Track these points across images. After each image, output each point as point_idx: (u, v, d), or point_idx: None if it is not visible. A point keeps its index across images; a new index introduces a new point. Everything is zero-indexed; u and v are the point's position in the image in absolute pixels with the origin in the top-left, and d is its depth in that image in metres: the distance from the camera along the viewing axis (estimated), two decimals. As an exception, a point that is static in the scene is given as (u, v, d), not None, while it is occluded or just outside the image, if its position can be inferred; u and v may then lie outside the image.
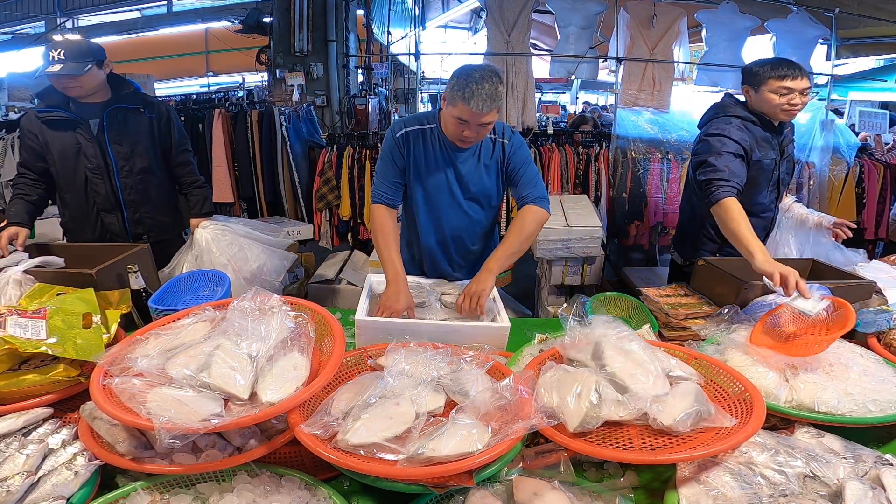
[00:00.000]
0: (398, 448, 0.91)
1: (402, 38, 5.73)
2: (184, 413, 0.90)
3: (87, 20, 8.50)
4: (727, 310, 1.52)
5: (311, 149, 4.08)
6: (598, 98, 11.87)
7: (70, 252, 1.74)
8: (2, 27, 8.67)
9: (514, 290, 3.24)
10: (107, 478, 0.99)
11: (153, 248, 1.90)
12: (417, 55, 4.43)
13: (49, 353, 1.14)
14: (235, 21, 5.95)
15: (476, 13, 7.66)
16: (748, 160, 1.87)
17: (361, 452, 0.91)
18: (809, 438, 1.07)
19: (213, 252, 2.03)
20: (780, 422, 1.15)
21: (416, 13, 5.91)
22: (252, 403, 0.98)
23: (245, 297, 1.17)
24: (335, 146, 3.89)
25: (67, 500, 0.90)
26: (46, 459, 0.97)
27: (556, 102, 8.83)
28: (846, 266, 1.86)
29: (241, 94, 4.80)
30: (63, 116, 2.01)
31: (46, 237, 2.81)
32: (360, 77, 5.15)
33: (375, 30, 5.25)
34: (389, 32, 5.38)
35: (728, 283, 1.63)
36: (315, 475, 0.98)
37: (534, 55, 4.31)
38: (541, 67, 5.43)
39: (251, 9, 4.85)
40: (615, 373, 1.07)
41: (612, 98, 4.36)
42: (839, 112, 5.56)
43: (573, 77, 4.44)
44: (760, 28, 4.14)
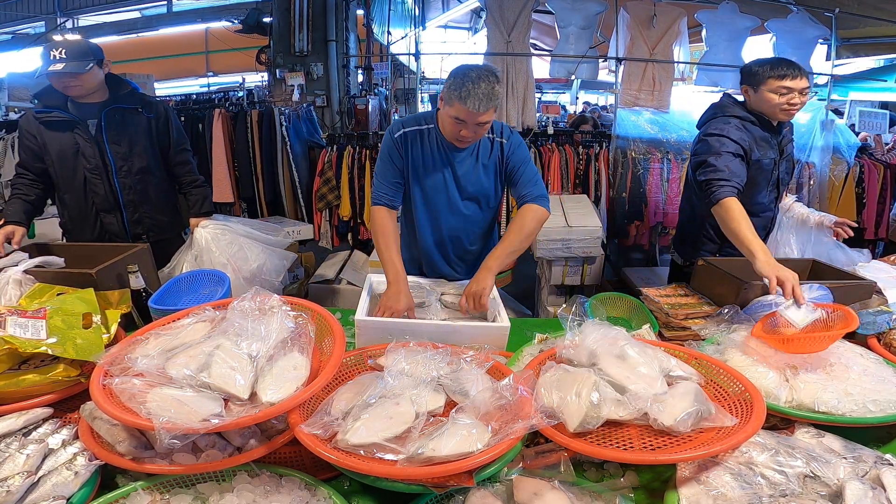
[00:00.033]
0: (398, 448, 0.91)
1: (402, 38, 5.72)
2: (184, 413, 0.91)
3: (87, 20, 8.51)
4: (727, 310, 1.52)
5: (311, 149, 4.08)
6: (598, 98, 11.86)
7: (70, 252, 1.74)
8: (2, 27, 8.69)
9: (514, 290, 3.24)
10: (107, 478, 0.99)
11: (153, 248, 1.90)
12: (417, 55, 4.43)
13: (49, 353, 1.14)
14: (235, 21, 5.96)
15: (476, 13, 7.66)
16: (747, 160, 1.87)
17: (361, 452, 0.91)
18: (809, 438, 1.07)
19: (213, 251, 2.03)
20: (781, 422, 1.15)
21: (416, 13, 5.91)
22: (252, 403, 0.98)
23: (245, 297, 1.17)
24: (335, 146, 3.89)
25: (67, 500, 0.90)
26: (46, 459, 0.97)
27: (556, 102, 8.81)
28: (849, 265, 1.86)
29: (241, 94, 4.78)
30: (61, 117, 2.01)
31: (46, 237, 2.82)
32: (360, 77, 5.15)
33: (375, 30, 5.25)
34: (389, 32, 5.38)
35: (728, 283, 1.63)
36: (315, 475, 0.98)
37: (534, 55, 4.31)
38: (541, 67, 5.42)
39: (251, 9, 4.86)
40: (612, 378, 1.08)
41: (612, 98, 4.36)
42: (839, 112, 5.56)
43: (573, 77, 4.44)
44: (760, 28, 4.14)
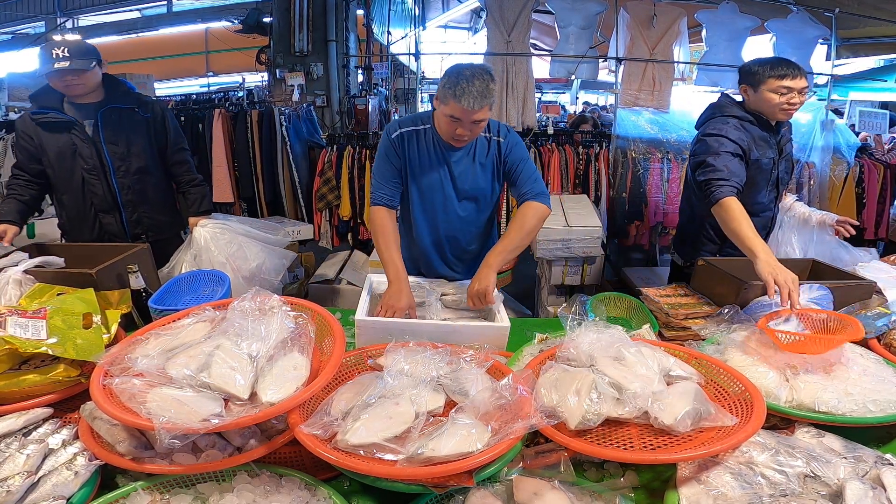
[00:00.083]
0: (398, 448, 0.91)
1: (402, 38, 5.72)
2: (184, 413, 0.91)
3: (87, 20, 8.51)
4: (727, 310, 1.52)
5: (311, 149, 4.08)
6: (598, 98, 11.85)
7: (70, 252, 1.74)
8: (2, 27, 8.69)
9: (514, 290, 3.24)
10: (107, 478, 0.99)
11: (152, 248, 1.90)
12: (417, 55, 4.44)
13: (49, 354, 1.14)
14: (235, 21, 5.96)
15: (476, 13, 7.66)
16: (746, 160, 1.87)
17: (361, 452, 0.91)
18: (810, 438, 1.07)
19: (212, 251, 2.03)
20: (781, 421, 1.15)
21: (416, 13, 5.91)
22: (252, 403, 0.98)
23: (245, 298, 1.17)
24: (335, 146, 3.89)
25: (67, 500, 0.90)
26: (46, 459, 0.97)
27: (556, 102, 8.80)
28: (853, 264, 1.86)
29: (241, 94, 4.78)
30: (58, 118, 2.01)
31: (46, 237, 2.81)
32: (360, 77, 5.15)
33: (375, 30, 5.25)
34: (389, 32, 5.37)
35: (728, 283, 1.63)
36: (315, 475, 0.98)
37: (534, 55, 4.31)
38: (541, 67, 5.43)
39: (251, 9, 4.85)
40: (610, 378, 1.08)
41: (612, 98, 4.36)
42: (839, 112, 5.55)
43: (573, 77, 4.44)
44: (760, 28, 4.14)
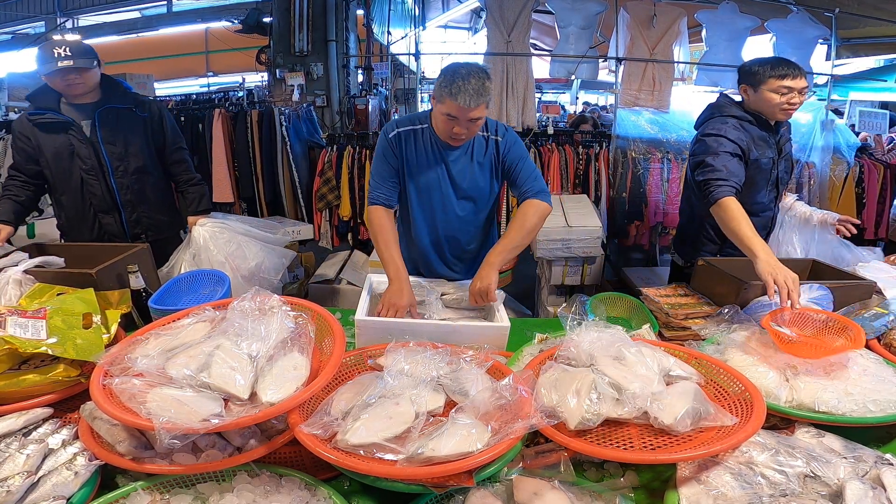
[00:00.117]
0: (398, 448, 0.91)
1: (402, 38, 5.72)
2: (184, 413, 0.91)
3: (87, 20, 8.51)
4: (727, 310, 1.52)
5: (311, 149, 4.08)
6: (598, 98, 11.85)
7: (70, 252, 1.74)
8: (2, 27, 8.68)
9: (514, 290, 3.24)
10: (107, 478, 0.99)
11: (151, 248, 1.90)
12: (417, 55, 4.43)
13: (49, 353, 1.14)
14: (235, 21, 5.95)
15: (476, 13, 7.66)
16: (746, 159, 1.87)
17: (361, 452, 0.91)
18: (810, 438, 1.07)
19: (211, 250, 2.02)
20: (781, 421, 1.15)
21: (416, 13, 5.91)
22: (252, 403, 0.98)
23: (245, 298, 1.17)
24: (335, 146, 3.89)
25: (67, 500, 0.90)
26: (46, 459, 0.97)
27: (556, 102, 8.79)
28: (855, 263, 1.86)
29: (241, 94, 4.78)
30: (55, 118, 2.00)
31: (46, 237, 2.81)
32: (360, 77, 5.15)
33: (375, 30, 5.25)
34: (389, 32, 5.37)
35: (728, 283, 1.63)
36: (315, 475, 0.98)
37: (534, 55, 4.31)
38: (541, 67, 5.42)
39: (251, 9, 4.85)
40: (610, 378, 1.08)
41: (612, 98, 4.36)
42: (839, 112, 5.55)
43: (573, 77, 4.44)
44: (760, 28, 4.14)
